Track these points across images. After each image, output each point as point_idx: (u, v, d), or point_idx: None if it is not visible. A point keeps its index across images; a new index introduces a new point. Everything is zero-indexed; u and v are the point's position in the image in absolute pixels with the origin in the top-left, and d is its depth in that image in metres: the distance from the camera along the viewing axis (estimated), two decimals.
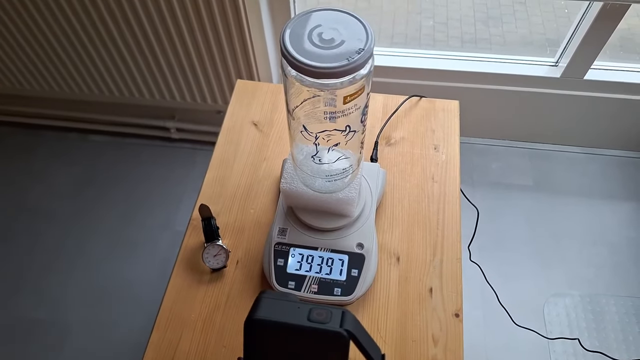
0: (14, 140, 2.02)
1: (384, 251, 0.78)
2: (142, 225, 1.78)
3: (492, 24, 2.28)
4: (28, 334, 1.57)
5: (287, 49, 0.51)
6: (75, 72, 1.64)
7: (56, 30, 1.48)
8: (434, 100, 0.95)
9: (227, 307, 0.74)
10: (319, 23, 0.54)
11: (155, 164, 1.93)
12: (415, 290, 0.74)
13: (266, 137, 0.92)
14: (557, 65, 1.67)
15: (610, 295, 1.57)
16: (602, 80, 1.66)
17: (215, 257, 0.75)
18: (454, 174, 0.86)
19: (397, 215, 0.81)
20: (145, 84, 1.65)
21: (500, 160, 1.90)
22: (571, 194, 1.81)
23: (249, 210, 0.83)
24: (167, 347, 0.71)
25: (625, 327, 1.51)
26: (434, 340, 0.70)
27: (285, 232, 0.75)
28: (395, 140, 0.90)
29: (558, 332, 1.51)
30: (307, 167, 0.68)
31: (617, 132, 1.84)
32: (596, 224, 1.73)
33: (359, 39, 0.52)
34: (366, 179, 0.79)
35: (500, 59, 1.70)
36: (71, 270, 1.68)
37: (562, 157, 1.90)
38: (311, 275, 0.71)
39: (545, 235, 1.71)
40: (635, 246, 1.68)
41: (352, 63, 0.50)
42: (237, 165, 0.88)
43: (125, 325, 1.57)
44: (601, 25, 1.46)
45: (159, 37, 1.45)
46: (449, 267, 0.76)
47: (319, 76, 0.50)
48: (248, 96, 0.97)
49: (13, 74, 1.69)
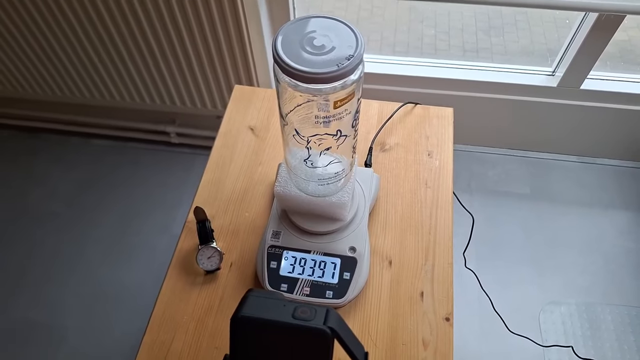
0: (15, 143, 2.04)
1: (377, 255, 0.78)
2: (140, 230, 1.79)
3: (494, 34, 2.30)
4: (25, 336, 1.57)
5: (279, 55, 0.52)
6: (77, 76, 1.66)
7: (58, 34, 1.50)
8: (429, 107, 0.97)
9: (220, 309, 0.74)
10: (311, 30, 0.55)
11: (155, 169, 1.94)
12: (407, 294, 0.75)
13: (262, 141, 0.93)
14: (553, 74, 1.68)
15: (605, 304, 1.57)
16: (599, 90, 1.67)
17: (209, 260, 0.76)
18: (447, 180, 0.87)
19: (390, 220, 0.82)
20: (146, 89, 1.66)
21: (498, 168, 1.90)
22: (567, 202, 1.81)
23: (243, 213, 0.84)
24: (159, 348, 0.72)
25: (620, 336, 1.51)
26: (424, 344, 0.71)
27: (278, 235, 0.76)
28: (390, 146, 0.91)
29: (553, 340, 1.51)
30: (301, 171, 0.69)
31: (613, 141, 1.85)
32: (592, 233, 1.74)
33: (350, 45, 0.53)
34: (360, 183, 0.80)
35: (498, 68, 1.71)
36: (69, 273, 1.69)
37: (559, 166, 1.91)
38: (303, 278, 0.72)
39: (541, 243, 1.71)
40: (631, 255, 1.68)
41: (342, 69, 0.51)
42: (233, 168, 0.89)
43: (122, 329, 1.57)
44: (597, 35, 1.48)
45: (160, 43, 1.47)
46: (440, 271, 0.77)
47: (309, 81, 0.52)
48: (245, 101, 0.99)
49: (15, 77, 1.71)
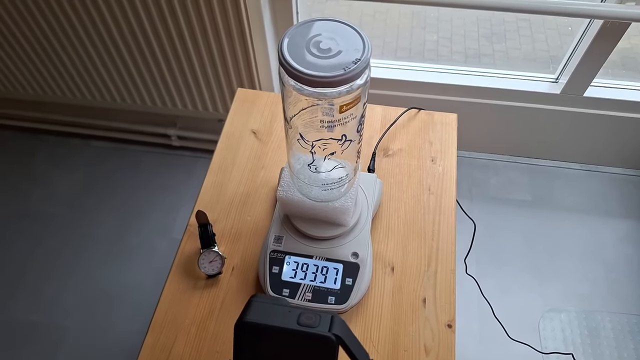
0: (16, 144, 2.03)
1: (379, 261, 0.78)
2: (140, 232, 1.78)
3: (496, 40, 2.30)
4: (25, 337, 1.57)
5: (285, 58, 0.52)
6: (78, 77, 1.65)
7: (60, 35, 1.49)
8: (433, 113, 0.96)
9: (221, 313, 0.74)
10: (317, 33, 0.54)
11: (155, 171, 1.93)
12: (409, 300, 0.74)
13: (265, 145, 0.92)
14: (557, 81, 1.68)
15: (605, 311, 1.57)
16: (602, 97, 1.67)
17: (211, 264, 0.76)
18: (450, 186, 0.87)
19: (392, 226, 0.82)
20: (147, 91, 1.66)
21: (500, 175, 1.90)
22: (569, 210, 1.81)
23: (245, 217, 0.83)
24: (160, 351, 0.71)
25: (620, 344, 1.51)
26: (426, 351, 0.70)
27: (281, 239, 0.75)
28: (393, 152, 0.91)
29: (553, 347, 1.50)
30: (304, 175, 0.68)
31: (616, 149, 1.85)
32: (593, 241, 1.73)
33: (356, 49, 0.53)
34: (363, 189, 0.80)
35: (501, 75, 1.71)
36: (70, 274, 1.69)
37: (561, 174, 1.91)
38: (306, 283, 0.72)
39: (542, 251, 1.71)
40: (631, 263, 1.68)
41: (349, 73, 0.51)
42: (235, 172, 0.89)
43: (121, 330, 1.57)
44: (601, 43, 1.48)
45: (162, 44, 1.46)
46: (443, 278, 0.76)
47: (315, 85, 0.51)
48: (248, 105, 0.98)
49: (16, 78, 1.70)
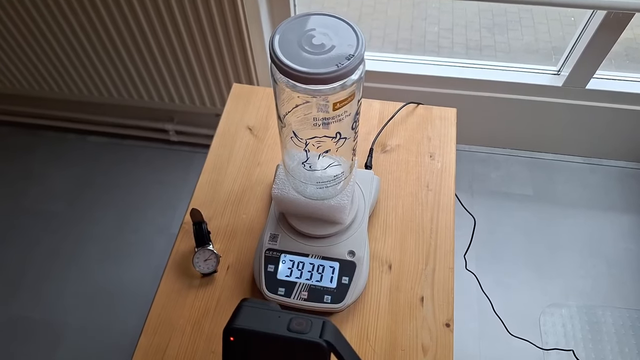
0: (13, 140, 2.02)
1: (376, 259, 0.77)
2: (138, 227, 1.77)
3: (498, 31, 2.27)
4: (24, 334, 1.56)
5: (276, 54, 0.50)
6: (74, 73, 1.64)
7: (56, 31, 1.48)
8: (431, 108, 0.95)
9: (216, 312, 0.73)
10: (310, 28, 0.53)
11: (153, 166, 1.92)
12: (406, 299, 0.73)
13: (261, 142, 0.91)
14: (559, 74, 1.66)
15: (606, 306, 1.56)
16: (605, 89, 1.65)
17: (206, 262, 0.75)
18: (449, 183, 0.85)
19: (390, 223, 0.81)
20: (145, 86, 1.64)
21: (501, 169, 1.89)
22: (570, 204, 1.79)
23: (241, 215, 0.82)
24: (155, 352, 0.70)
25: (621, 339, 1.50)
26: (424, 350, 0.69)
27: (276, 238, 0.74)
28: (391, 148, 0.90)
29: (553, 342, 1.49)
30: (299, 173, 0.67)
31: (619, 142, 1.83)
32: (594, 236, 1.72)
33: (350, 44, 0.51)
34: (359, 186, 0.78)
35: (502, 67, 1.69)
36: (67, 272, 1.68)
37: (563, 167, 1.89)
38: (301, 282, 0.71)
39: (543, 246, 1.70)
40: (633, 258, 1.66)
41: (342, 69, 0.49)
42: (230, 169, 0.88)
43: (119, 328, 1.56)
44: (604, 34, 1.46)
45: (159, 39, 1.45)
46: (441, 276, 0.75)
47: (308, 82, 0.50)
48: (244, 100, 0.97)
49: (13, 74, 1.69)
